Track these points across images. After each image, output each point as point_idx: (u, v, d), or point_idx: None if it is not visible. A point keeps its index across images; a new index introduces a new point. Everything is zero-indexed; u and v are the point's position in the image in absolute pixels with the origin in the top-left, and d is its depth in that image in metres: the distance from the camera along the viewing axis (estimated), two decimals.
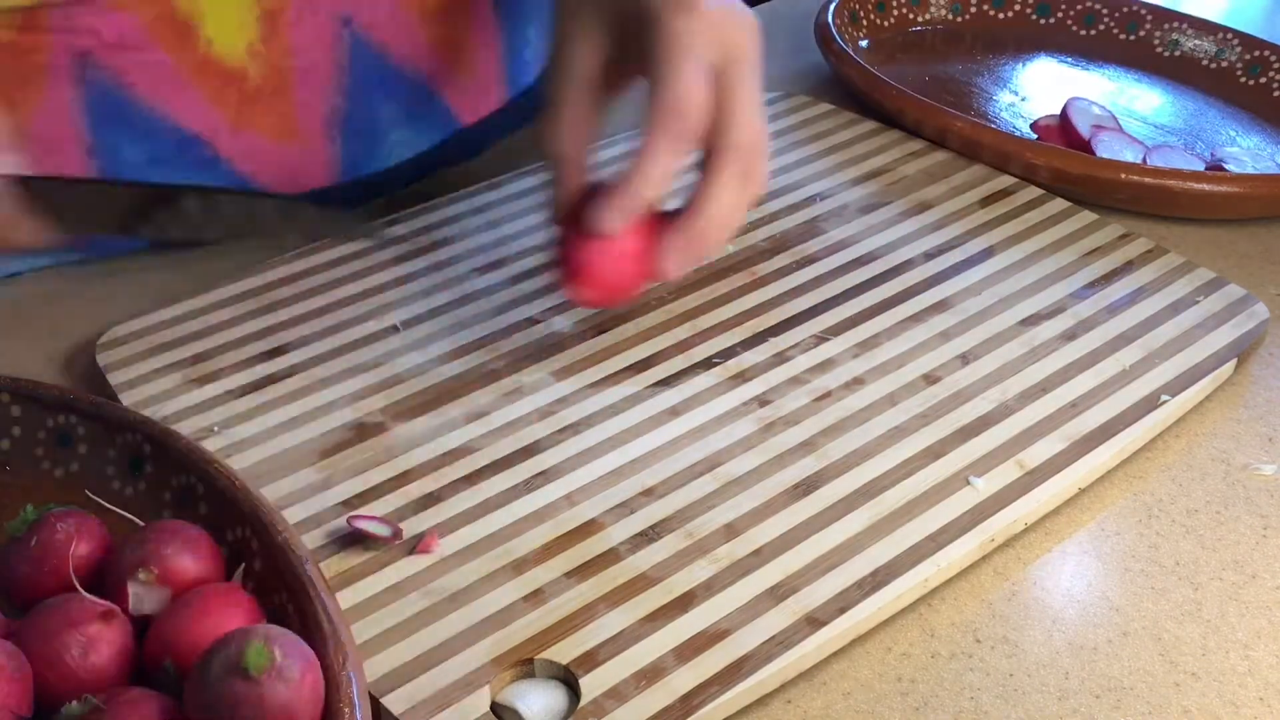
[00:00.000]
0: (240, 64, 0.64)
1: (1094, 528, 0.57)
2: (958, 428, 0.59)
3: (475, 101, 0.75)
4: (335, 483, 0.54)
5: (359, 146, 0.71)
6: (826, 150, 0.80)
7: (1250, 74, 0.93)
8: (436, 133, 0.74)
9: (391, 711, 0.45)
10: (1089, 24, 0.98)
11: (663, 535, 0.53)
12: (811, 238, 0.72)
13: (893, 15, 0.98)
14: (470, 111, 0.76)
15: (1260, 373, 0.66)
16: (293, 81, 0.66)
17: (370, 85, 0.69)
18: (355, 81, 0.68)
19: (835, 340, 0.64)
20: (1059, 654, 0.51)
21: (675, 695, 0.46)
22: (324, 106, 0.68)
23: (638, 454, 0.57)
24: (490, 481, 0.55)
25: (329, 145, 0.70)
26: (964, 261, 0.71)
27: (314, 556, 0.46)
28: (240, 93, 0.65)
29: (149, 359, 0.61)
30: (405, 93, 0.71)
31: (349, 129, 0.70)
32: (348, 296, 0.66)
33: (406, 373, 0.61)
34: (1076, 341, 0.65)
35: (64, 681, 0.40)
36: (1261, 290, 0.71)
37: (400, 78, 0.70)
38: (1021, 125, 0.87)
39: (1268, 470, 0.60)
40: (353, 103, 0.69)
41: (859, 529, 0.53)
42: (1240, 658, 0.51)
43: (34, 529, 0.45)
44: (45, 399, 0.52)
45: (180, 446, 0.49)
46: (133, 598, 0.44)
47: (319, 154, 0.69)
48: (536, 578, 0.51)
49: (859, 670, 0.50)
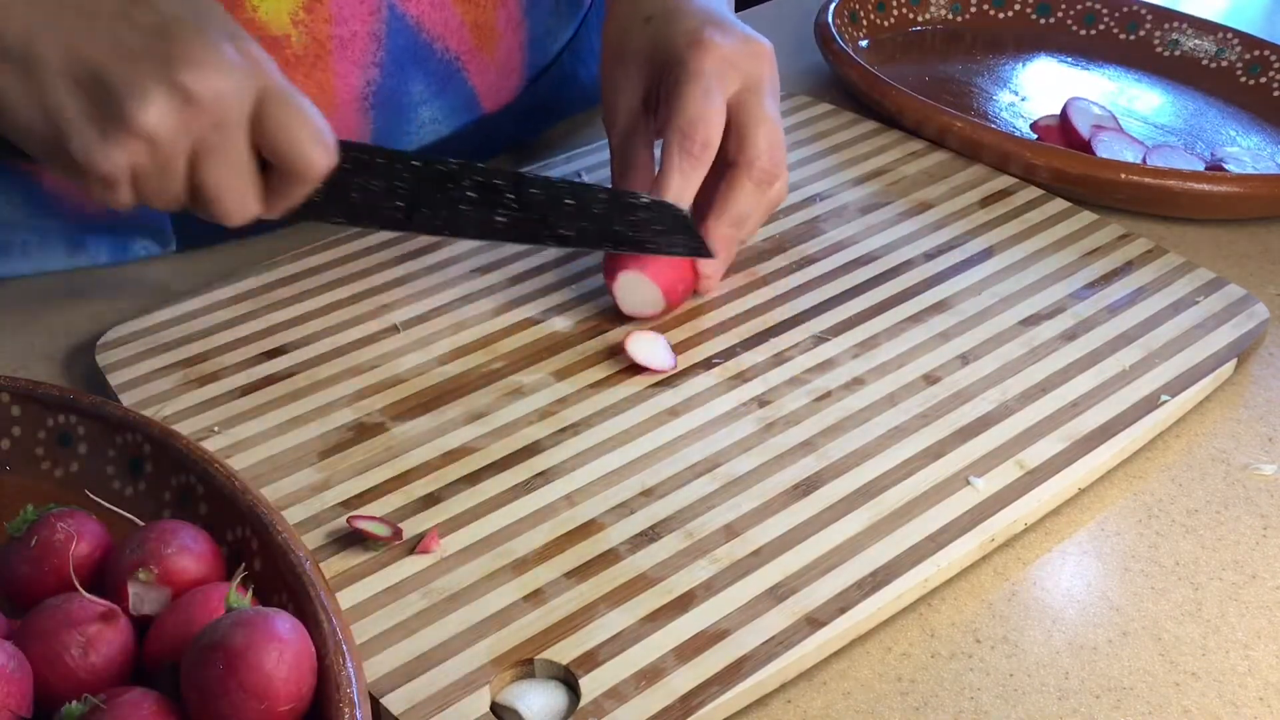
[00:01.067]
0: (284, 31, 0.65)
1: (1094, 528, 0.57)
2: (958, 428, 0.59)
3: (497, 87, 0.77)
4: (335, 483, 0.55)
5: (390, 120, 0.72)
6: (826, 150, 0.80)
7: (1250, 74, 0.93)
8: (461, 115, 0.75)
9: (391, 711, 0.45)
10: (1089, 24, 0.98)
11: (663, 535, 0.53)
12: (811, 238, 0.72)
13: (893, 15, 0.98)
14: (492, 97, 0.77)
15: (1260, 373, 0.66)
16: (331, 50, 0.67)
17: (404, 60, 0.70)
18: (390, 54, 0.69)
19: (835, 340, 0.64)
20: (1059, 654, 0.51)
21: (675, 695, 0.46)
22: (360, 78, 0.69)
23: (638, 454, 0.57)
24: (490, 481, 0.55)
25: (362, 118, 0.70)
26: (964, 262, 0.71)
27: (314, 556, 0.46)
28: (282, 60, 0.65)
29: (149, 359, 0.61)
30: (435, 69, 0.72)
31: (380, 101, 0.71)
32: (348, 296, 0.66)
33: (406, 373, 0.61)
34: (1076, 341, 0.65)
35: (64, 681, 0.40)
36: (1261, 290, 0.71)
37: (431, 54, 0.71)
38: (1021, 125, 0.87)
39: (1268, 470, 0.60)
40: (386, 75, 0.70)
41: (859, 529, 0.53)
42: (1240, 658, 0.51)
43: (34, 529, 0.45)
44: (45, 399, 0.52)
45: (180, 446, 0.49)
46: (133, 598, 0.44)
47: (352, 126, 0.70)
48: (536, 578, 0.51)
49: (859, 670, 0.50)
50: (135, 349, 0.61)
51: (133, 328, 0.62)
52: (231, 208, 0.55)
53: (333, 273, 0.67)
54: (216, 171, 0.53)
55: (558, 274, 0.68)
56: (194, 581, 0.44)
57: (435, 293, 0.66)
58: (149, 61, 0.50)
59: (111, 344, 0.61)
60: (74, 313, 0.66)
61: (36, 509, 0.46)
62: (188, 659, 0.40)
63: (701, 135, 0.62)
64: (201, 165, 0.53)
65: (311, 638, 0.41)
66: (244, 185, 0.54)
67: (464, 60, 0.73)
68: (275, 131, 0.53)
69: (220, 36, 0.52)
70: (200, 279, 0.67)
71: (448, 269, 0.68)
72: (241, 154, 0.53)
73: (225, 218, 0.55)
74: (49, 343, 0.64)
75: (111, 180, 0.52)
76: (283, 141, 0.53)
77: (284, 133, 0.53)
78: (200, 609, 0.42)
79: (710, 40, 0.63)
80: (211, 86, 0.51)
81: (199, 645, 0.39)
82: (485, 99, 0.76)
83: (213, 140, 0.52)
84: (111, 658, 0.41)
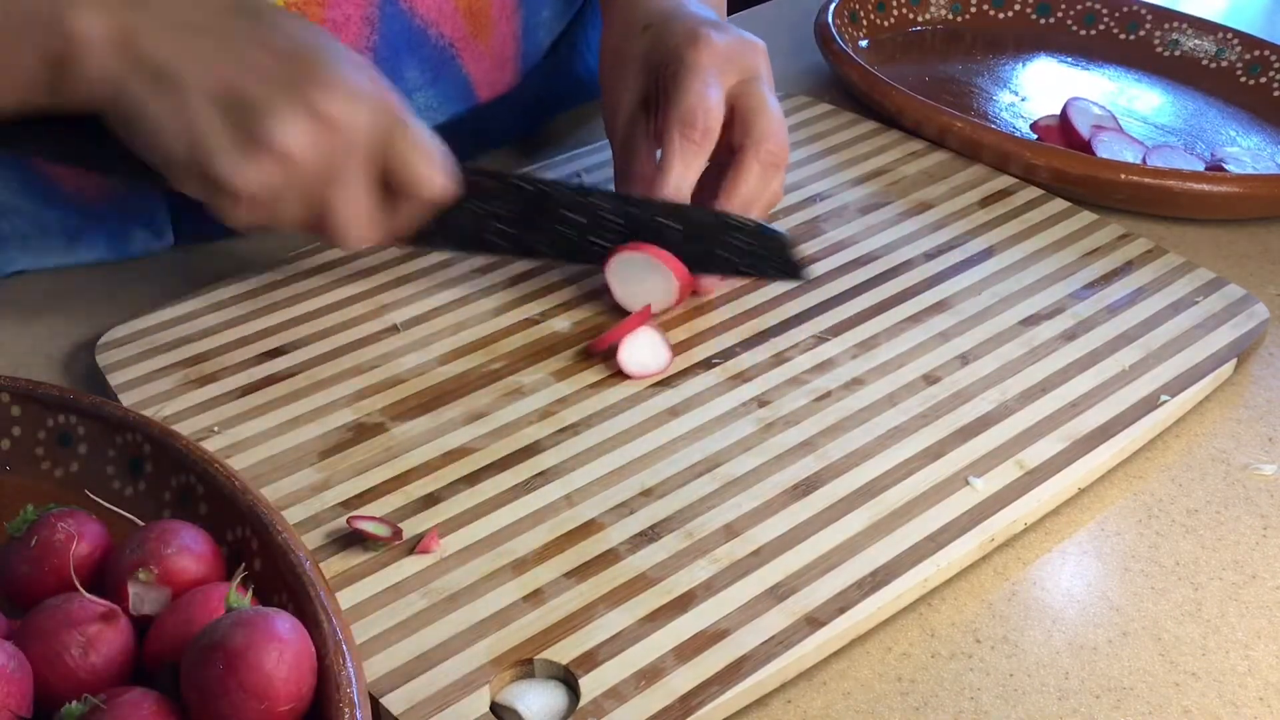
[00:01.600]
0: None
1: (1094, 528, 0.57)
2: (957, 428, 0.59)
3: (492, 76, 0.77)
4: (335, 483, 0.55)
5: None
6: (826, 150, 0.80)
7: (1250, 74, 0.93)
8: (456, 104, 0.75)
9: (391, 711, 0.45)
10: (1089, 24, 0.98)
11: (662, 535, 0.53)
12: (811, 238, 0.72)
13: (893, 15, 0.98)
14: (487, 86, 0.77)
15: (1260, 373, 0.66)
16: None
17: (398, 45, 0.70)
18: (384, 39, 0.70)
19: (835, 340, 0.64)
20: (1059, 654, 0.51)
21: (675, 695, 0.46)
22: None
23: (637, 454, 0.57)
24: (490, 481, 0.55)
25: None
26: (964, 262, 0.71)
27: (314, 556, 0.46)
28: None
29: (149, 359, 0.61)
30: (429, 55, 0.72)
31: None
32: (348, 296, 0.66)
33: (406, 373, 0.61)
34: (1076, 341, 0.65)
35: (64, 681, 0.40)
36: (1261, 290, 0.71)
37: (425, 39, 0.72)
38: (1021, 125, 0.87)
39: (1268, 470, 0.60)
40: (380, 60, 0.70)
41: (859, 529, 0.53)
42: (1240, 658, 0.51)
43: (34, 529, 0.45)
44: (45, 399, 0.52)
45: (180, 446, 0.49)
46: (133, 598, 0.44)
47: None
48: (536, 578, 0.51)
49: (859, 670, 0.50)
50: (135, 349, 0.61)
51: (133, 328, 0.62)
52: (353, 231, 0.57)
53: (333, 273, 0.67)
54: (344, 194, 0.55)
55: (558, 274, 0.68)
56: (194, 581, 0.44)
57: (435, 293, 0.66)
58: (286, 84, 0.53)
59: (111, 344, 0.61)
60: (74, 312, 0.66)
61: (36, 509, 0.46)
62: (188, 659, 0.40)
63: (702, 123, 0.63)
64: (330, 187, 0.55)
65: (311, 638, 0.41)
66: (368, 209, 0.57)
67: (458, 47, 0.73)
68: (399, 158, 0.56)
69: (349, 63, 0.55)
70: (200, 279, 0.67)
71: (448, 269, 0.68)
72: (368, 178, 0.56)
73: (345, 241, 0.58)
74: (49, 343, 0.64)
75: (249, 198, 0.54)
76: (406, 168, 0.56)
77: (407, 160, 0.56)
78: (200, 609, 0.42)
79: (707, 36, 0.64)
80: (345, 110, 0.54)
81: (199, 645, 0.39)
82: (480, 88, 0.76)
83: (342, 163, 0.55)
84: (111, 658, 0.41)
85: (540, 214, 0.63)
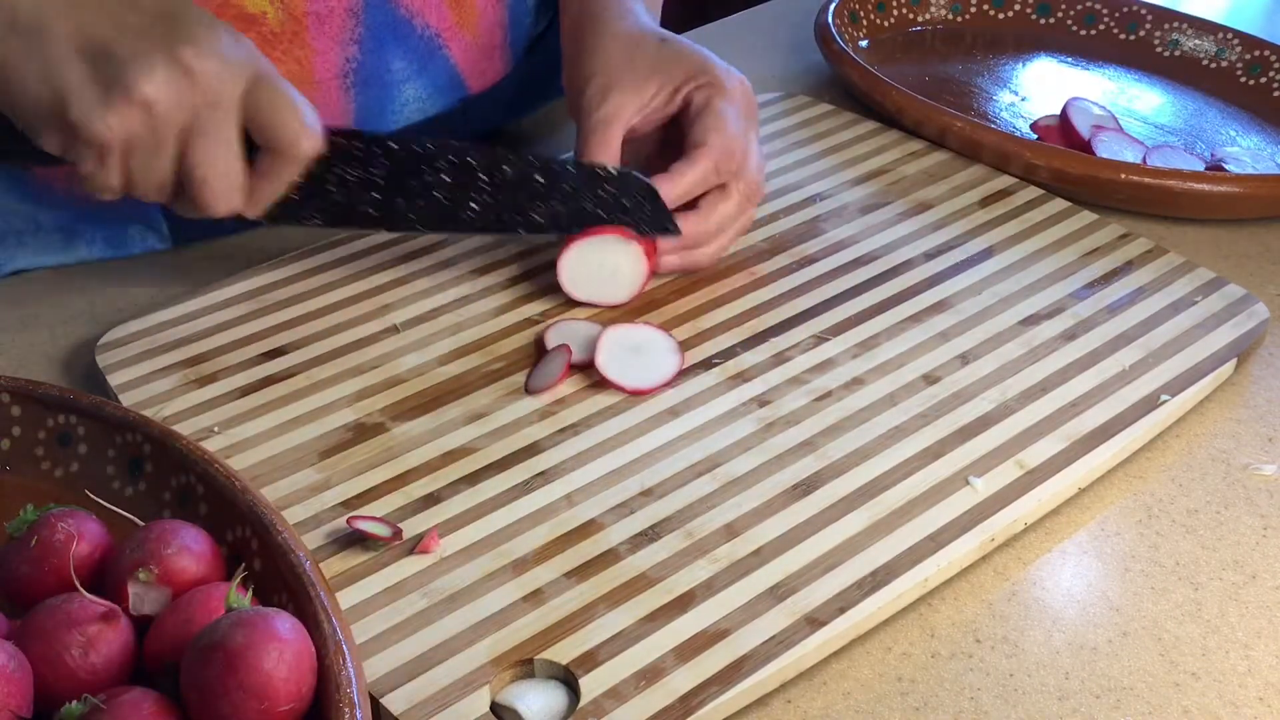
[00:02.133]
0: (259, 8, 0.66)
1: (1094, 528, 0.57)
2: (958, 428, 0.59)
3: (480, 66, 0.77)
4: (335, 483, 0.55)
5: (373, 99, 0.72)
6: (826, 150, 0.80)
7: (1250, 74, 0.93)
8: (445, 95, 0.75)
9: (391, 711, 0.45)
10: (1089, 24, 0.98)
11: (663, 535, 0.53)
12: (811, 238, 0.72)
13: (893, 15, 0.98)
14: (476, 77, 0.77)
15: (1260, 373, 0.66)
16: (308, 27, 0.68)
17: (383, 35, 0.71)
18: (369, 30, 0.70)
19: (835, 340, 0.64)
20: (1059, 654, 0.51)
21: (675, 695, 0.46)
22: (339, 55, 0.69)
23: (637, 454, 0.57)
24: (490, 482, 0.55)
25: (344, 96, 0.71)
26: (964, 262, 0.71)
27: (314, 556, 0.46)
28: (259, 36, 0.66)
29: (149, 359, 0.61)
30: (415, 46, 0.72)
31: (362, 79, 0.71)
32: (348, 297, 0.66)
33: (406, 373, 0.61)
34: (1076, 341, 0.65)
35: (64, 681, 0.40)
36: (1261, 290, 0.71)
37: (410, 29, 0.72)
38: (1021, 125, 0.87)
39: (1268, 470, 0.60)
40: (366, 52, 0.70)
41: (859, 529, 0.53)
42: (1240, 658, 0.51)
43: (34, 529, 0.45)
44: (45, 399, 0.52)
45: (180, 446, 0.49)
46: (133, 598, 0.44)
47: (334, 104, 0.70)
48: (536, 578, 0.51)
49: (859, 670, 0.50)
50: (135, 349, 0.61)
51: (133, 328, 0.62)
52: (218, 190, 0.57)
53: (333, 273, 0.67)
54: (206, 149, 0.55)
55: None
56: (194, 581, 0.44)
57: (435, 293, 0.66)
58: (153, 38, 0.54)
59: (111, 344, 0.61)
60: (74, 313, 0.66)
61: (36, 509, 0.46)
62: (188, 659, 0.40)
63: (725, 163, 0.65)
64: (192, 144, 0.55)
65: (311, 638, 0.41)
66: (232, 167, 0.56)
67: (444, 37, 0.73)
68: (265, 112, 0.56)
69: (218, 26, 0.55)
70: (200, 279, 0.67)
71: (448, 269, 0.68)
72: (231, 133, 0.56)
73: (210, 203, 0.57)
74: (49, 343, 0.64)
75: (106, 148, 0.54)
76: (272, 122, 0.56)
77: (273, 114, 0.56)
78: (200, 609, 0.42)
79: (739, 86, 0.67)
80: (210, 65, 0.54)
81: (199, 645, 0.39)
82: (470, 79, 0.76)
83: (205, 117, 0.55)
84: (111, 658, 0.41)
85: (413, 175, 0.62)
